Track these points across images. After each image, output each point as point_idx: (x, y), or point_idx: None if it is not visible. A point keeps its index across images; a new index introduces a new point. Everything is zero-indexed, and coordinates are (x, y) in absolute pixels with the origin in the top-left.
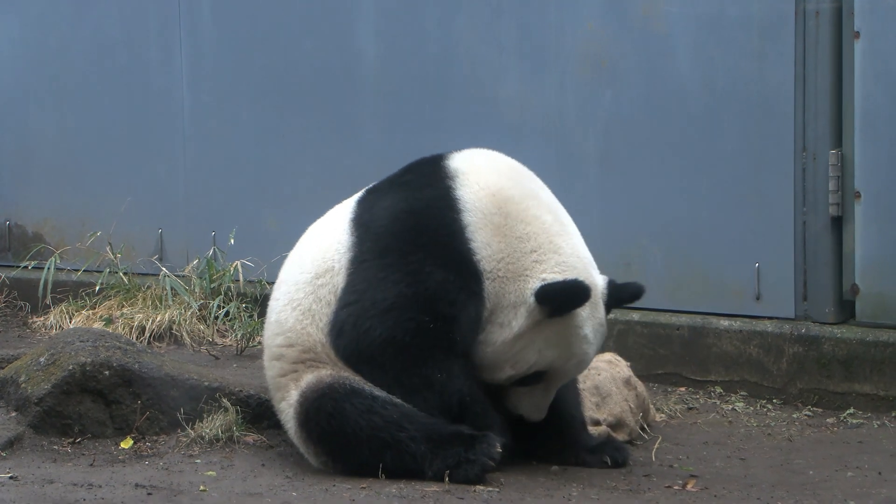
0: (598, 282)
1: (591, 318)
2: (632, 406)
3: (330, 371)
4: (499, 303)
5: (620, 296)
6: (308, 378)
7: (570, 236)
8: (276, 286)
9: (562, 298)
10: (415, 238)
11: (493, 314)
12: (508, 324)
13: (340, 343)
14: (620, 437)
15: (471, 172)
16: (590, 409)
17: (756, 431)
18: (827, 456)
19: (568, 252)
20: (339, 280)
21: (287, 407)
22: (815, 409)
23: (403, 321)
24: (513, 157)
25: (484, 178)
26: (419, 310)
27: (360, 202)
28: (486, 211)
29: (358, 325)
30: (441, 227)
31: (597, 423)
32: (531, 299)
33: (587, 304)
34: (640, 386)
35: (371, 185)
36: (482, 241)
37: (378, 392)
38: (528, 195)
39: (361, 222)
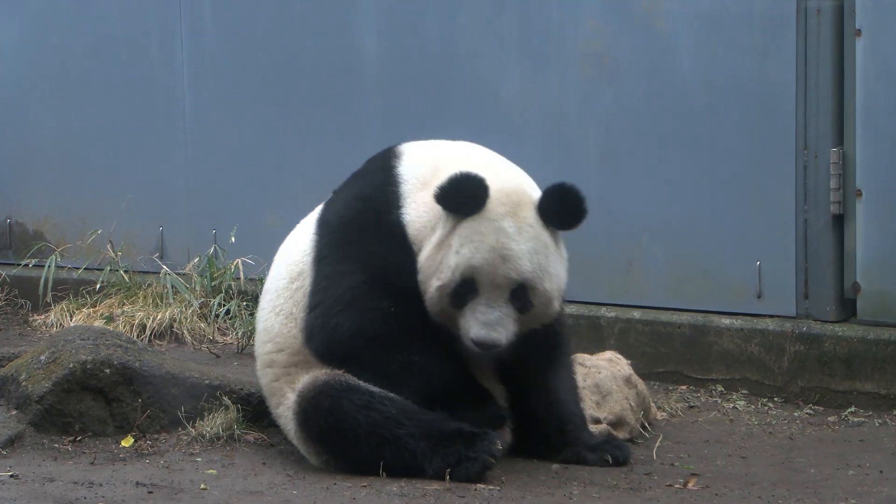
0: (522, 188)
1: (509, 215)
2: (632, 404)
3: (325, 370)
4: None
5: (549, 204)
6: (304, 379)
7: (490, 167)
8: (262, 294)
9: (452, 190)
10: (364, 222)
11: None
12: (430, 241)
13: (313, 346)
14: (621, 435)
15: (413, 149)
16: (590, 408)
17: (757, 430)
18: (828, 454)
19: (475, 165)
20: (308, 282)
21: (285, 410)
22: (816, 407)
23: (367, 311)
24: (514, 155)
25: (423, 150)
26: (379, 296)
27: (326, 202)
28: (421, 177)
29: (326, 325)
30: (384, 203)
31: (597, 421)
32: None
33: (502, 203)
34: (641, 384)
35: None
36: (414, 204)
37: (375, 388)
38: (462, 156)
39: (323, 220)
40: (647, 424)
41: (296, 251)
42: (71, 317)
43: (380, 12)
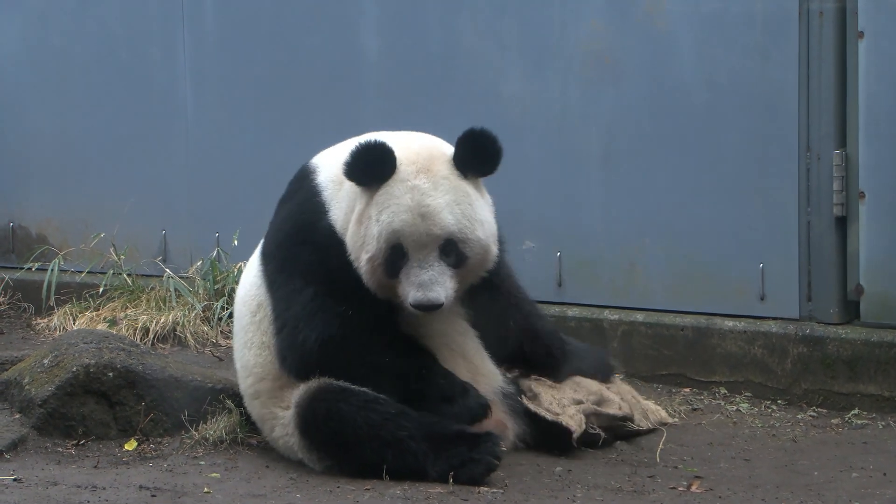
0: (432, 146)
1: (422, 172)
2: (613, 390)
3: (316, 380)
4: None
5: (463, 152)
6: (296, 392)
7: (395, 136)
8: (233, 337)
9: (357, 161)
10: (299, 239)
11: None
12: (350, 220)
13: (287, 367)
14: (607, 410)
15: (324, 157)
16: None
17: (760, 432)
18: (832, 457)
19: (379, 136)
20: (268, 310)
21: (281, 430)
22: (819, 409)
23: (328, 319)
24: (515, 156)
25: (332, 153)
26: (334, 302)
27: (265, 234)
28: (336, 178)
29: (294, 343)
30: (312, 214)
31: (578, 402)
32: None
33: (412, 162)
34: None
35: None
36: (337, 204)
37: (367, 388)
38: (367, 136)
39: (264, 250)
40: (646, 418)
41: (250, 287)
42: (74, 320)
43: (381, 13)
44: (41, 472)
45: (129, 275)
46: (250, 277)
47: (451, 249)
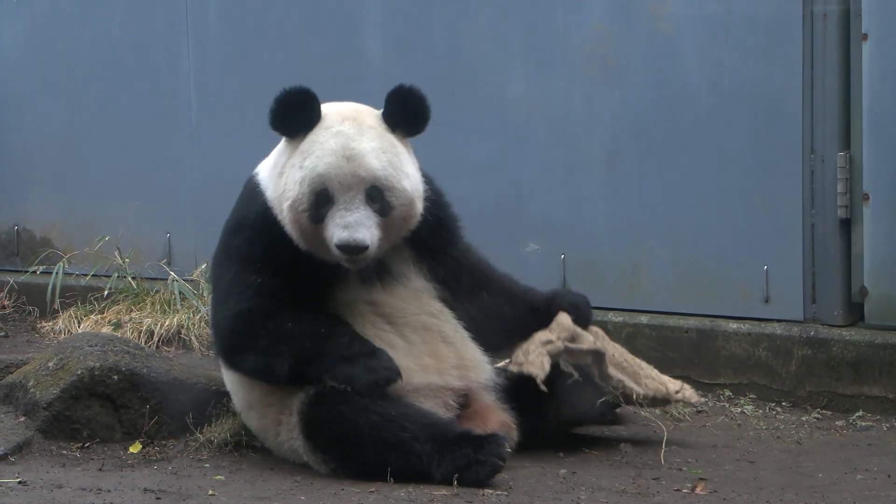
0: (362, 107)
1: (348, 120)
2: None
3: (314, 385)
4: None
5: (392, 108)
6: (295, 399)
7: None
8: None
9: (280, 106)
10: (234, 229)
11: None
12: (272, 176)
13: (214, 351)
14: (580, 346)
15: (264, 162)
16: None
17: (765, 434)
18: (836, 459)
19: None
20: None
21: (287, 433)
22: (824, 411)
23: (238, 295)
24: (519, 158)
25: (270, 156)
26: (248, 275)
27: None
28: (275, 167)
29: (215, 327)
30: (249, 203)
31: (548, 342)
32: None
33: (339, 114)
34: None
35: None
36: (272, 185)
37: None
38: None
39: (211, 264)
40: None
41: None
42: (79, 323)
43: (386, 16)
44: (46, 475)
45: (133, 278)
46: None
47: (377, 196)
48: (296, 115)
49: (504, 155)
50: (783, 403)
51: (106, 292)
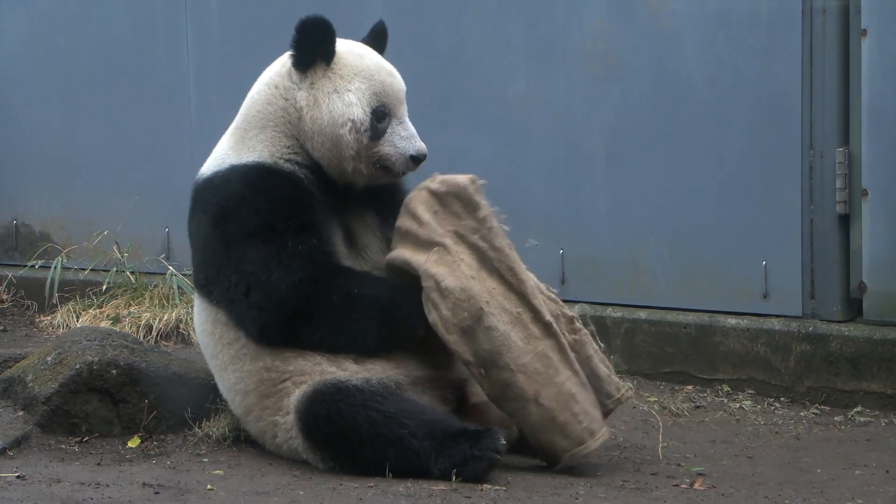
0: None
1: (358, 45)
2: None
3: (301, 383)
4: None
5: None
6: (292, 397)
7: None
8: (209, 365)
9: (304, 37)
10: (222, 218)
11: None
12: (302, 107)
13: (260, 332)
14: None
15: (220, 149)
16: None
17: (764, 430)
18: (835, 454)
19: None
20: (221, 313)
21: (285, 434)
22: (822, 407)
23: (287, 267)
24: (520, 155)
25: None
26: (279, 245)
27: None
28: (234, 139)
29: (265, 303)
30: (237, 178)
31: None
32: (293, 72)
33: (342, 42)
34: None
35: None
36: (251, 146)
37: (361, 385)
38: None
39: (194, 269)
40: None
41: (200, 311)
42: (77, 318)
43: (386, 13)
44: (45, 470)
45: (132, 272)
46: (196, 304)
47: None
48: (325, 41)
49: (504, 151)
50: (782, 399)
51: (104, 287)
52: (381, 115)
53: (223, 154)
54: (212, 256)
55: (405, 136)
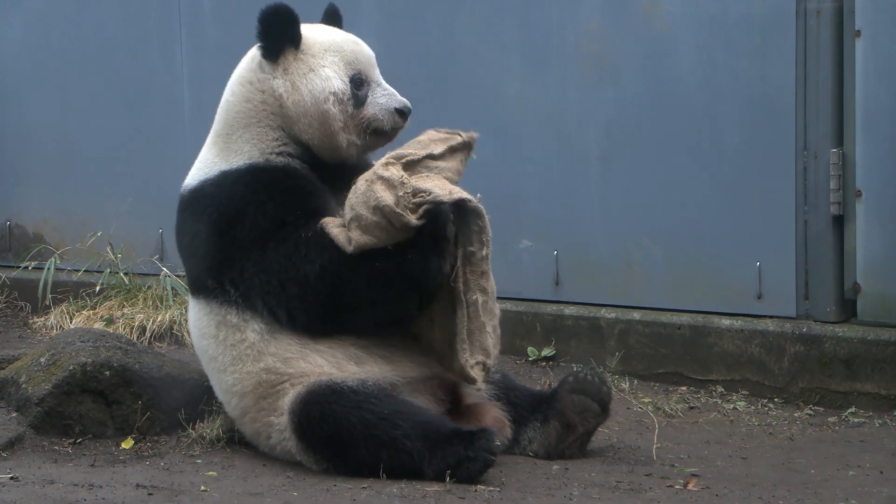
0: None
1: (317, 24)
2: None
3: (298, 384)
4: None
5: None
6: (287, 398)
7: None
8: (204, 368)
9: (268, 25)
10: (236, 215)
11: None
12: (280, 96)
13: (304, 324)
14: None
15: (203, 159)
16: None
17: (757, 431)
18: (828, 455)
19: None
20: (233, 310)
21: (278, 435)
22: (816, 408)
23: (305, 256)
24: (514, 156)
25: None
26: (304, 233)
27: None
28: (219, 147)
29: (304, 294)
30: (234, 182)
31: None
32: (264, 63)
33: (306, 24)
34: None
35: None
36: (238, 148)
37: (356, 386)
38: None
39: (193, 275)
40: None
41: (201, 316)
42: (71, 319)
43: (380, 15)
44: (38, 471)
45: (125, 273)
46: (195, 309)
47: None
48: (287, 30)
49: (498, 152)
50: (776, 400)
51: (98, 288)
52: (359, 83)
53: (209, 163)
54: (224, 261)
55: (386, 94)
